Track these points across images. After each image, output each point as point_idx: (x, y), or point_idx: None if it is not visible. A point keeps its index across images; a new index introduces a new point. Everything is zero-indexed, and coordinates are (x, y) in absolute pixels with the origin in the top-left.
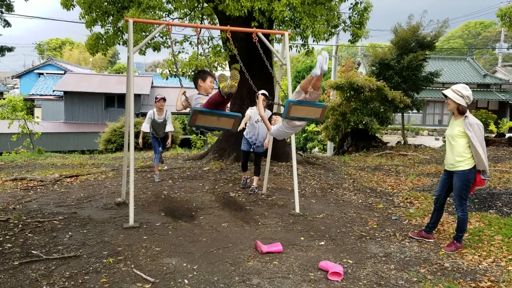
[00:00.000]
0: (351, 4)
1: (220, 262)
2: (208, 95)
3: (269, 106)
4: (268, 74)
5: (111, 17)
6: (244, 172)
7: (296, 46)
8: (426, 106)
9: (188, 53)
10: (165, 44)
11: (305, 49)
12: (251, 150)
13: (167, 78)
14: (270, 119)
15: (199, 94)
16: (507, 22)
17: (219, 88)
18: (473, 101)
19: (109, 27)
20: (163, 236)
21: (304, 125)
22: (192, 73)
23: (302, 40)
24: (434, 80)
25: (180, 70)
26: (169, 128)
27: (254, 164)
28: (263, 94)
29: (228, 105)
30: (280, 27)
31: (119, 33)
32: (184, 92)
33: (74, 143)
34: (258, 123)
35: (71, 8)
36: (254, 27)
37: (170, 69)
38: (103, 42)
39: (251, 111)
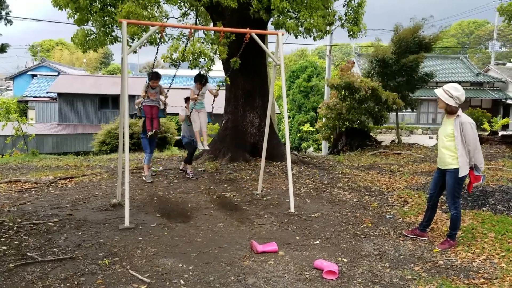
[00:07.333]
0: (345, 1)
1: (215, 262)
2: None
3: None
4: (262, 73)
5: (95, 14)
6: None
7: (302, 33)
8: (420, 105)
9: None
10: (162, 40)
11: (310, 36)
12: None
13: (170, 65)
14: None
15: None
16: (507, 16)
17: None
18: (467, 100)
19: (97, 25)
20: (159, 237)
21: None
22: (194, 60)
23: (303, 28)
24: (429, 80)
25: (180, 55)
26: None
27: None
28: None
29: (223, 104)
30: (280, 17)
31: (104, 28)
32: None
33: (68, 144)
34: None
35: (62, 9)
36: (250, 24)
37: (170, 54)
38: (92, 38)
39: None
